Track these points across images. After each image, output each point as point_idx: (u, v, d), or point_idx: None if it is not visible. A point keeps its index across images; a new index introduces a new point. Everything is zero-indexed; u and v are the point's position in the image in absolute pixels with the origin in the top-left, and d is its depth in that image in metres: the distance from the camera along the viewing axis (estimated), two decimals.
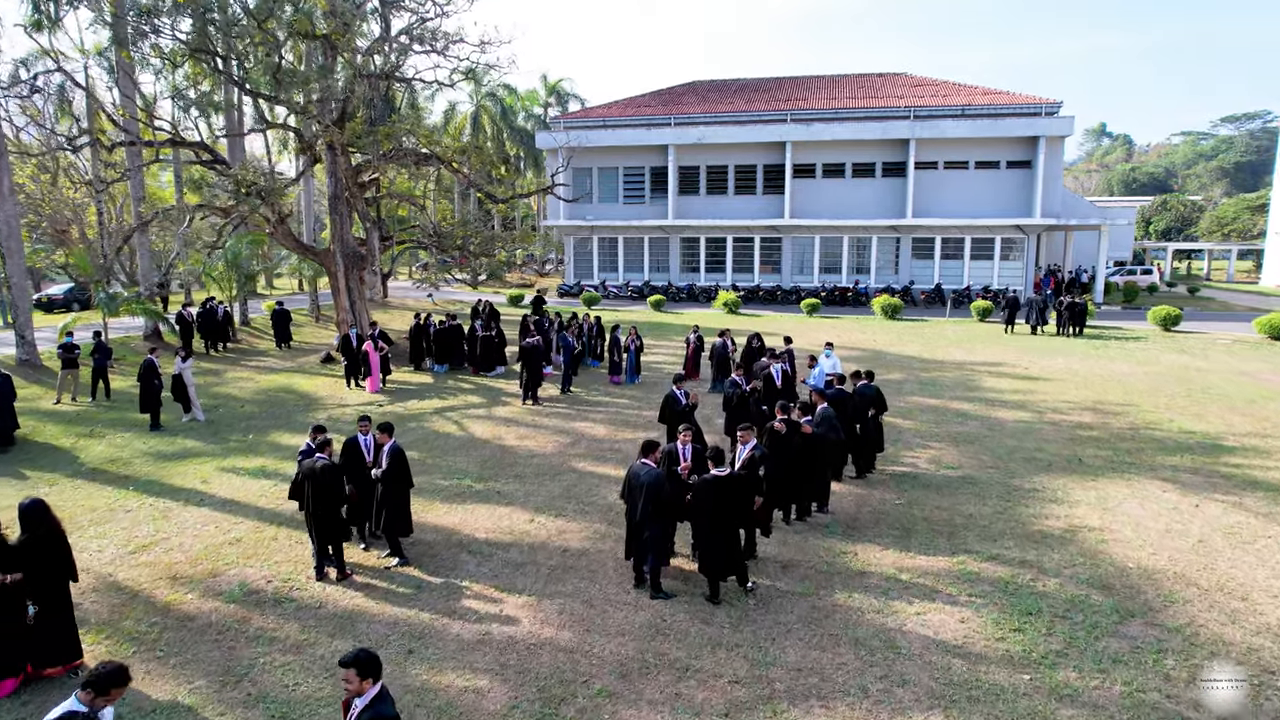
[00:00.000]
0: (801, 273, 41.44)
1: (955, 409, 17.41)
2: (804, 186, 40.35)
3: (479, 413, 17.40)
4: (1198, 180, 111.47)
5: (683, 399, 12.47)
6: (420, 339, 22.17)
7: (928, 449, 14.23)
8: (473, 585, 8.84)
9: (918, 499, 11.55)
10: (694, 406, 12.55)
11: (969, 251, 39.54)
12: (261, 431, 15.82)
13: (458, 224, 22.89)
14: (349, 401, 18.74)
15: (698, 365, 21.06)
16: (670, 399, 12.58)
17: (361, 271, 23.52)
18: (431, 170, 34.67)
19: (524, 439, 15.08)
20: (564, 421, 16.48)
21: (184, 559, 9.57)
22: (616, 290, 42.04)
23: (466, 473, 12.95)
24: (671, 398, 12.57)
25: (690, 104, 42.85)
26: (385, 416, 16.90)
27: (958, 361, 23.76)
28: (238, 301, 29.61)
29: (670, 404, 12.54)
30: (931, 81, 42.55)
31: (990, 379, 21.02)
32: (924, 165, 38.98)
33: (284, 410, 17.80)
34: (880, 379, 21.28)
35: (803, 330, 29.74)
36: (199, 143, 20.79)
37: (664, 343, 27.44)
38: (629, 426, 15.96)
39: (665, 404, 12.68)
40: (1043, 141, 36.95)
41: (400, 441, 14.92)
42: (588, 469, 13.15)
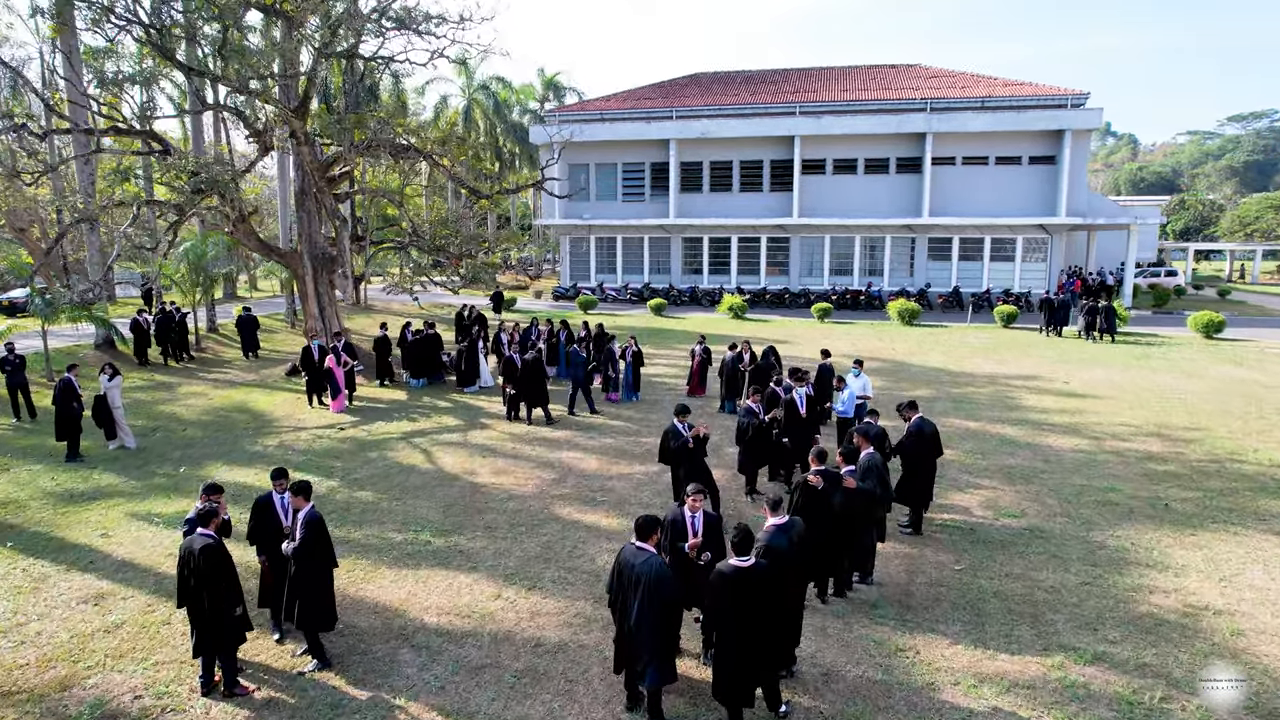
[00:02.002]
0: (811, 275, 39.16)
1: (999, 434, 15.14)
2: (813, 183, 38.06)
3: (453, 438, 15.14)
4: (1206, 179, 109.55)
5: (685, 432, 10.23)
6: (384, 351, 19.89)
7: (978, 488, 11.97)
8: (408, 706, 6.58)
9: (982, 562, 9.29)
10: (702, 440, 10.31)
11: (988, 252, 37.26)
12: (196, 463, 13.56)
13: (436, 222, 20.59)
14: (307, 423, 16.49)
15: (704, 380, 18.80)
16: (671, 433, 10.34)
17: (331, 274, 21.27)
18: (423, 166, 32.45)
19: (500, 474, 12.82)
20: (548, 450, 14.21)
21: (35, 658, 7.32)
22: (615, 293, 39.78)
23: (427, 522, 10.69)
24: (672, 431, 10.32)
25: (693, 96, 40.58)
26: (346, 443, 14.72)
27: (989, 374, 21.50)
28: (203, 306, 27.38)
29: (671, 439, 10.30)
30: (948, 73, 40.26)
31: (1030, 396, 18.76)
32: (941, 161, 36.70)
33: (231, 435, 15.54)
34: (905, 393, 19.17)
35: (815, 337, 27.48)
36: (147, 131, 18.53)
37: (665, 351, 25.17)
38: (624, 458, 13.70)
39: (665, 440, 10.45)
40: (1068, 135, 34.66)
41: (357, 476, 12.84)
42: (573, 516, 10.89)
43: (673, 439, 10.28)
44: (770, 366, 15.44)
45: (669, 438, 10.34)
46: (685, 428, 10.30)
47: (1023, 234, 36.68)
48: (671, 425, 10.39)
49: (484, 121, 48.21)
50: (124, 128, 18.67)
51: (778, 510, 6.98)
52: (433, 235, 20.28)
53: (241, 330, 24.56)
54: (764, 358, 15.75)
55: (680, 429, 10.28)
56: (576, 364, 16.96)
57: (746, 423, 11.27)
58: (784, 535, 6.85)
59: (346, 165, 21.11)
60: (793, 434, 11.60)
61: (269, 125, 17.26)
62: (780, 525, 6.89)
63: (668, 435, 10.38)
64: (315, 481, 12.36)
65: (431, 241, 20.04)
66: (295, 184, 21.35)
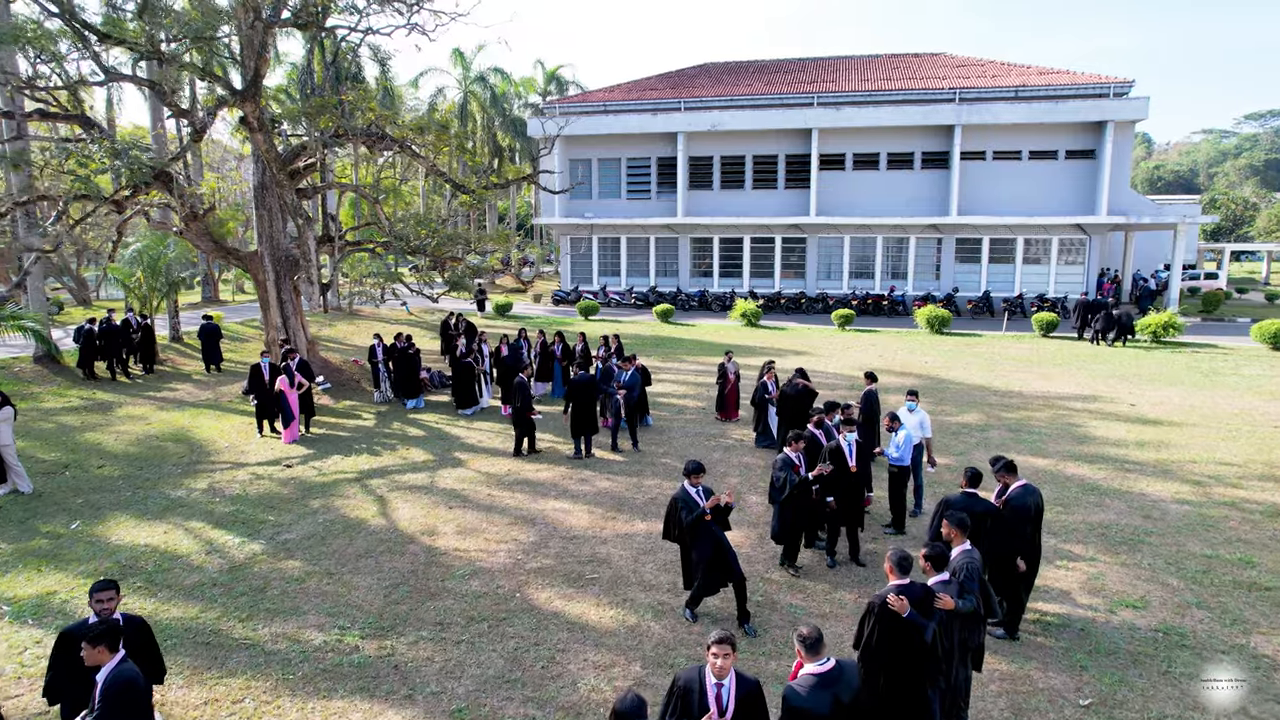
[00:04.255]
0: (829, 278, 36.49)
1: (1077, 477, 12.51)
2: (832, 179, 35.39)
3: (418, 479, 12.59)
4: (1225, 178, 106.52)
5: (699, 500, 7.66)
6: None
7: (1073, 559, 9.36)
8: None
9: (1113, 690, 6.68)
10: (724, 511, 7.75)
11: (1021, 254, 34.54)
12: (96, 515, 11.06)
13: (412, 222, 18.07)
14: (250, 457, 13.97)
15: (737, 402, 16.23)
16: (680, 502, 7.74)
17: (295, 279, 18.79)
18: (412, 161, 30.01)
19: (466, 535, 10.26)
20: (530, 499, 11.65)
21: None
22: (618, 297, 37.21)
23: (360, 613, 8.14)
24: (683, 499, 7.73)
25: (702, 87, 37.97)
26: (289, 485, 12.18)
27: (1040, 394, 18.85)
28: (166, 314, 24.95)
29: (681, 509, 7.72)
30: (976, 61, 37.55)
31: (1096, 422, 16.12)
32: (970, 155, 33.99)
33: (156, 472, 13.05)
34: (951, 420, 16.62)
35: (837, 348, 24.87)
36: (80, 115, 16.06)
37: (673, 364, 22.58)
38: (622, 510, 11.13)
39: (672, 510, 7.87)
40: (1110, 127, 31.91)
41: (289, 537, 10.27)
42: (552, 604, 8.33)
43: (683, 509, 7.69)
44: (800, 394, 12.83)
45: (677, 508, 7.76)
46: (700, 494, 7.72)
47: (1058, 234, 33.96)
48: (681, 491, 7.80)
49: (481, 115, 45.67)
50: (54, 110, 16.20)
51: (816, 651, 4.49)
52: (410, 235, 17.78)
53: (203, 341, 22.10)
54: (791, 383, 13.13)
55: (693, 496, 7.70)
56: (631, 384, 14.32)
57: (784, 478, 8.68)
58: (827, 692, 4.35)
59: (312, 157, 18.64)
60: (838, 491, 9.01)
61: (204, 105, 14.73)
62: (823, 675, 4.40)
63: (676, 505, 7.79)
64: (235, 545, 9.85)
65: (406, 243, 17.52)
66: (254, 177, 18.87)
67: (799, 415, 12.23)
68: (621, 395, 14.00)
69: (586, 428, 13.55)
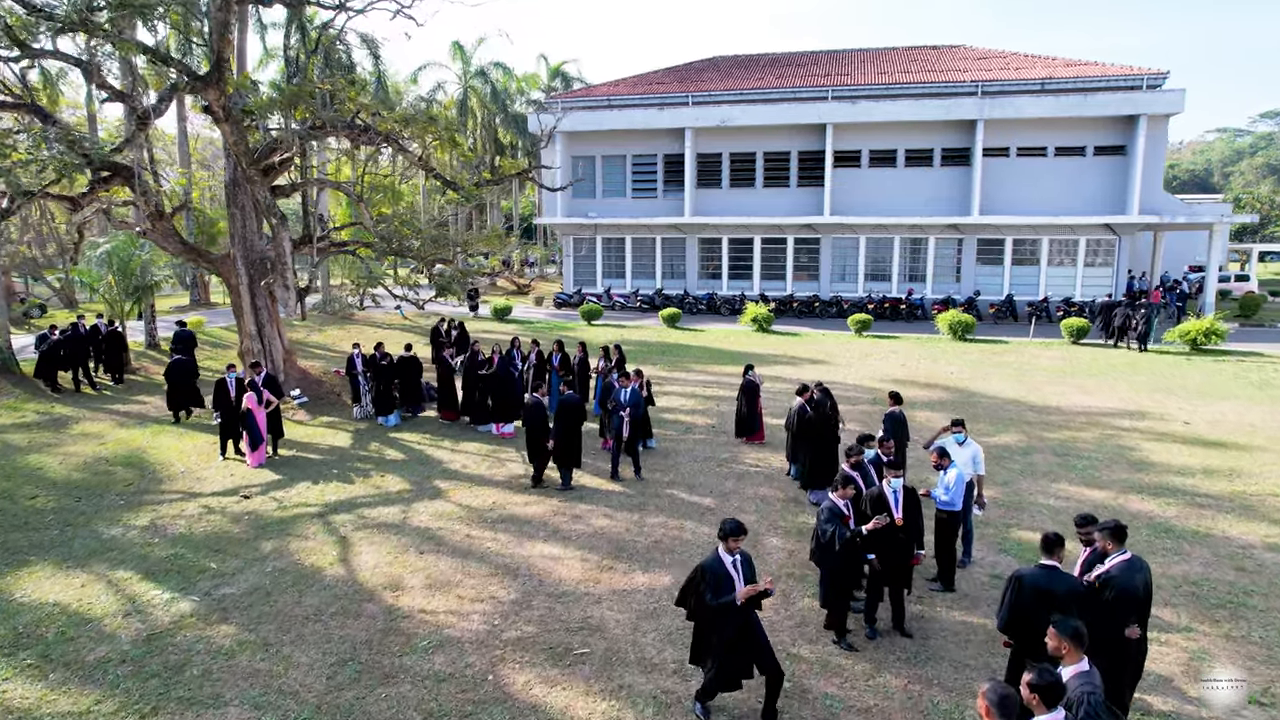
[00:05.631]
0: (843, 280, 34.80)
1: (1145, 515, 10.88)
2: (847, 177, 33.71)
3: (389, 515, 11.05)
4: (1242, 177, 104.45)
5: (736, 578, 6.03)
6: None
7: (1165, 631, 7.72)
8: None
9: None
10: (761, 597, 6.11)
11: (1046, 256, 32.80)
12: (9, 563, 9.52)
13: (396, 222, 16.55)
14: (207, 485, 12.46)
15: (760, 423, 14.50)
16: (709, 575, 6.08)
17: (270, 284, 17.29)
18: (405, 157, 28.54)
19: (436, 590, 8.70)
20: (515, 541, 10.08)
21: None
22: (623, 300, 35.62)
23: (293, 703, 6.59)
24: (711, 573, 6.08)
25: (711, 81, 36.34)
26: (242, 521, 10.62)
27: (1082, 409, 17.21)
28: (141, 319, 23.51)
29: (706, 584, 6.08)
30: (998, 53, 35.82)
31: (1151, 444, 14.47)
32: (993, 152, 32.26)
33: (94, 505, 11.54)
34: (988, 441, 14.87)
35: (854, 356, 23.21)
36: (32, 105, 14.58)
37: (680, 375, 20.99)
38: (621, 557, 9.55)
39: (694, 582, 6.25)
40: (1143, 121, 30.12)
41: (229, 591, 8.67)
42: (530, 692, 6.75)
43: (708, 587, 6.01)
44: (827, 417, 11.24)
45: (703, 579, 6.09)
46: (737, 567, 6.08)
47: (1086, 235, 32.21)
48: (712, 560, 6.13)
49: (482, 111, 44.18)
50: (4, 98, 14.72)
51: None
52: (394, 236, 16.27)
53: (177, 349, 20.61)
54: (819, 406, 11.52)
55: (728, 570, 6.04)
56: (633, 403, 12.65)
57: (831, 531, 7.10)
58: None
59: (288, 151, 17.13)
60: (882, 547, 7.41)
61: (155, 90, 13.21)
62: None
63: (701, 576, 6.12)
64: (162, 604, 8.32)
65: (389, 244, 15.99)
66: (226, 173, 17.38)
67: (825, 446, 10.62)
68: (626, 416, 12.41)
69: (569, 458, 11.99)
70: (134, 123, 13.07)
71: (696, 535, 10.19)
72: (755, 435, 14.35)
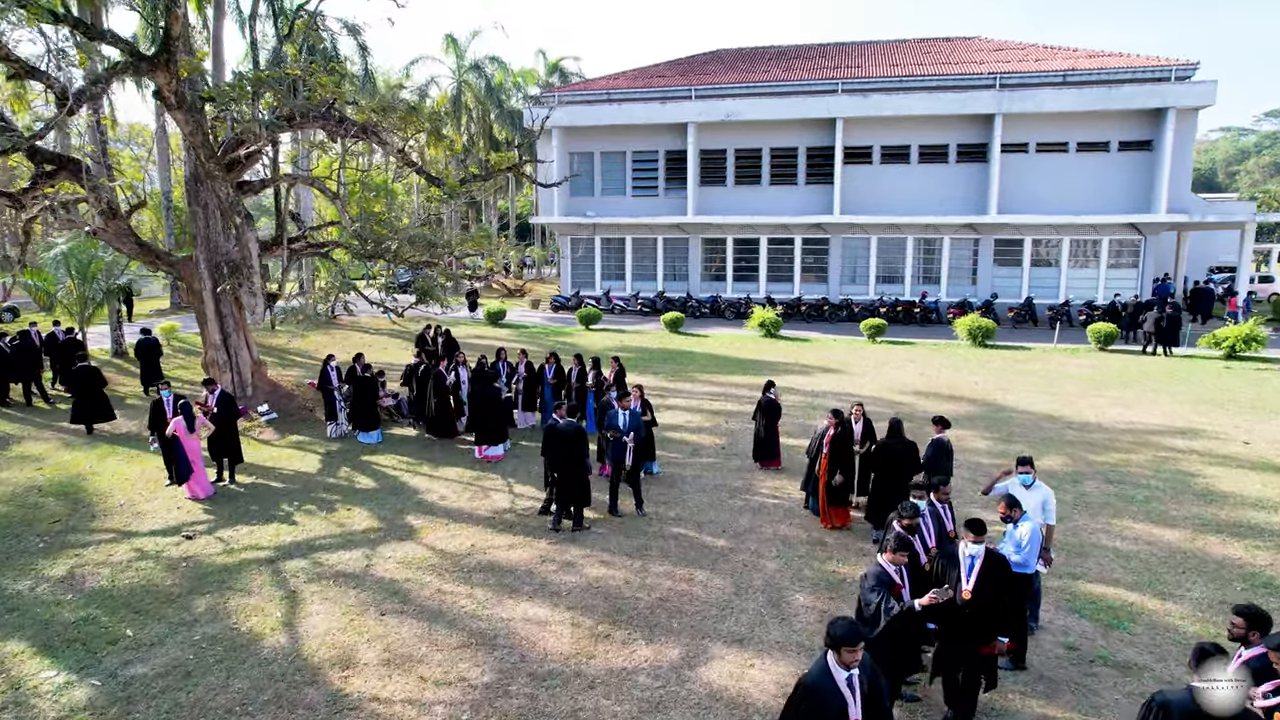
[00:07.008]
0: (854, 282, 33.23)
1: (1232, 563, 9.31)
2: (858, 174, 32.14)
3: (349, 561, 9.48)
4: (1249, 176, 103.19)
5: (850, 700, 4.38)
6: None
7: None
8: None
9: None
10: None
11: (1067, 256, 31.24)
12: None
13: (372, 222, 15.00)
14: (146, 521, 10.89)
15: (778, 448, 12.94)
16: (810, 698, 4.44)
17: (234, 288, 15.74)
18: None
19: (393, 667, 7.13)
20: (493, 598, 8.51)
21: None
22: (623, 303, 34.05)
23: None
24: (816, 698, 4.41)
25: (715, 74, 34.77)
26: (178, 570, 8.83)
27: (1127, 426, 15.66)
28: (109, 325, 21.96)
29: (805, 712, 4.68)
30: (1016, 45, 34.25)
31: (1213, 469, 12.92)
32: (1011, 148, 30.70)
33: (9, 549, 9.95)
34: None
35: (870, 364, 21.58)
36: None
37: (684, 385, 19.42)
38: (619, 622, 7.98)
39: (790, 712, 4.86)
40: (1171, 115, 28.57)
41: (139, 673, 6.59)
42: None
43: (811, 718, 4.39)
44: (909, 445, 9.68)
45: (804, 702, 4.45)
46: (852, 687, 4.41)
47: (1109, 234, 30.65)
48: (819, 676, 4.43)
49: (476, 107, 42.62)
50: None
51: None
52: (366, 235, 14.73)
53: (141, 358, 19.08)
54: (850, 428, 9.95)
55: (843, 691, 4.38)
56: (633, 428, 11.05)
57: (876, 602, 5.56)
58: None
59: (254, 144, 15.57)
60: (946, 625, 5.85)
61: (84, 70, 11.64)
62: None
63: (804, 698, 4.44)
64: (52, 690, 6.75)
65: (364, 244, 14.45)
66: (186, 168, 15.83)
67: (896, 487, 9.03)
68: (630, 442, 10.83)
69: (574, 495, 10.38)
70: (58, 105, 11.54)
71: (708, 590, 8.63)
72: (773, 461, 12.79)
